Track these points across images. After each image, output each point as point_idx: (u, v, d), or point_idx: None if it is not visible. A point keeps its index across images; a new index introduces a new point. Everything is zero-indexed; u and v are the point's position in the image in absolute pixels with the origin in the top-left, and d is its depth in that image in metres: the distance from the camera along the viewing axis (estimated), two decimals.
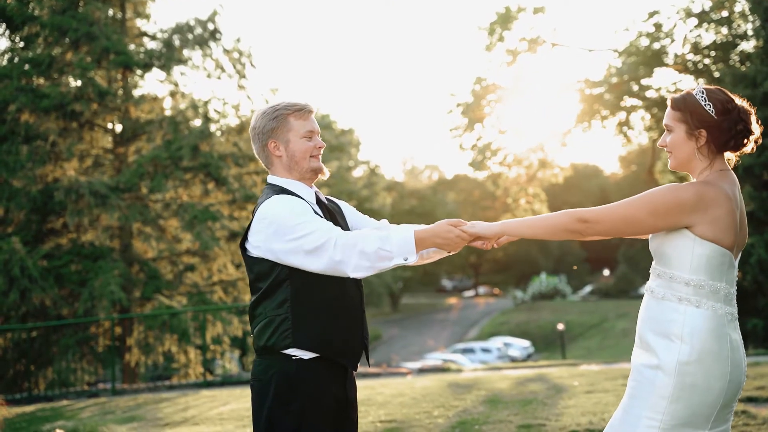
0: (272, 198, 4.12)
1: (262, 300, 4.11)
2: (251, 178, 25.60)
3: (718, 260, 3.74)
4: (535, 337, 67.59)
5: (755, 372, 13.09)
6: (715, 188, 3.76)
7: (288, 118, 4.24)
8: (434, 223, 4.09)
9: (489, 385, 13.04)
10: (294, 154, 4.24)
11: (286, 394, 4.03)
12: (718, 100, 3.88)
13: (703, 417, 3.70)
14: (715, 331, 3.71)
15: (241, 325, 22.29)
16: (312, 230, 3.97)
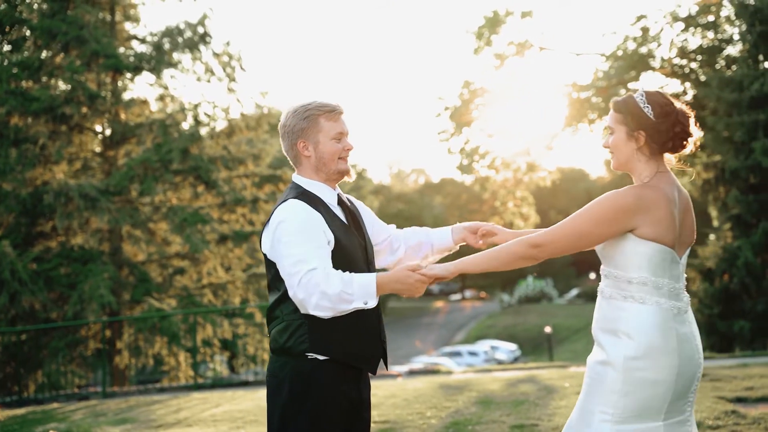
0: (287, 203, 4.15)
1: (280, 303, 4.15)
2: (241, 181, 25.63)
3: (659, 258, 3.86)
4: (521, 340, 67.69)
5: (743, 373, 13.18)
6: (654, 190, 3.87)
7: (319, 119, 4.26)
8: (394, 269, 4.08)
9: (480, 387, 13.10)
10: (323, 156, 4.26)
11: (300, 393, 4.07)
12: (657, 102, 3.96)
13: (655, 409, 3.81)
14: (660, 325, 3.82)
15: (231, 327, 22.34)
16: (292, 254, 4.01)
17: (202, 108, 25.47)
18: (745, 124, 25.01)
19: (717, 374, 13.41)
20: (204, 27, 25.39)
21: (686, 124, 4.00)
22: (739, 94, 25.52)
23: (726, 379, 12.65)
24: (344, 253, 4.19)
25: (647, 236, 3.84)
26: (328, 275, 3.95)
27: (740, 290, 24.60)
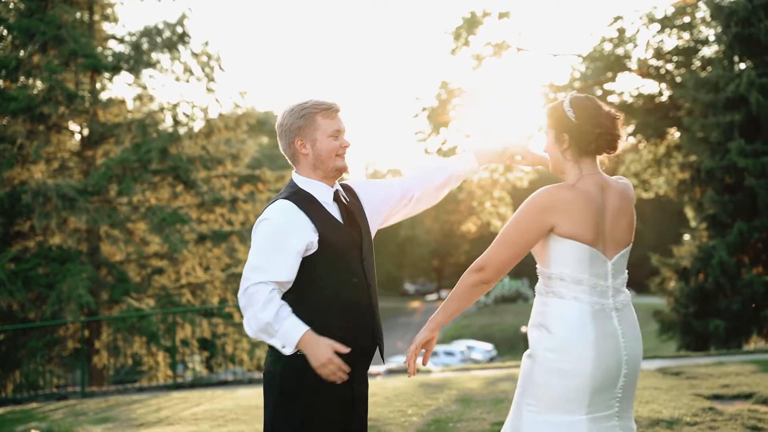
0: (275, 203, 4.25)
1: None
2: (219, 181, 25.64)
3: (578, 255, 3.98)
4: (497, 340, 67.87)
5: (719, 371, 13.34)
6: (572, 190, 4.02)
7: (315, 117, 4.32)
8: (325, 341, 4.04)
9: (460, 385, 13.19)
10: (320, 153, 4.31)
11: (292, 389, 4.13)
12: (580, 106, 4.09)
13: (575, 401, 3.92)
14: (578, 319, 3.95)
15: (210, 327, 22.35)
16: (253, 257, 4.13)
17: (180, 108, 25.45)
18: (720, 124, 25.19)
19: (693, 372, 13.57)
20: (183, 27, 25.35)
21: (609, 126, 4.10)
22: (714, 95, 25.69)
23: (702, 377, 12.81)
24: (333, 251, 4.23)
25: (564, 234, 3.97)
26: (270, 300, 4.02)
27: (715, 290, 24.77)
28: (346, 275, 4.26)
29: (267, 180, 25.53)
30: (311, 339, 4.02)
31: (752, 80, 24.48)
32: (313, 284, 4.20)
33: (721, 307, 24.31)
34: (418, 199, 4.71)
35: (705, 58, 31.04)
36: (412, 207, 4.74)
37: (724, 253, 24.21)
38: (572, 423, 3.93)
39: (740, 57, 26.29)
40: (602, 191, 4.08)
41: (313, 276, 4.18)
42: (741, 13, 25.46)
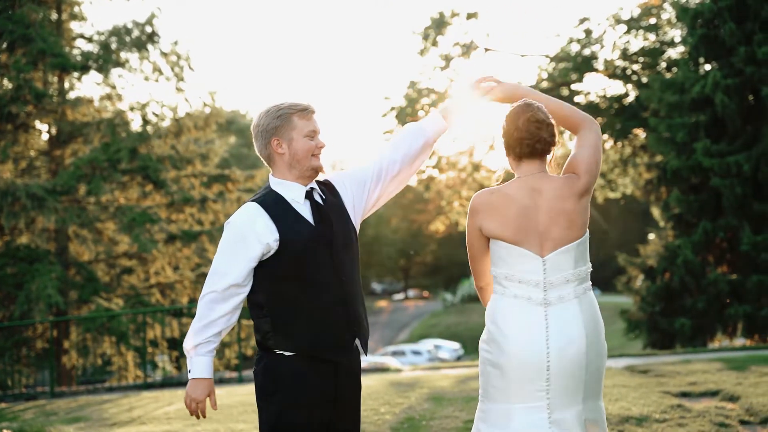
0: (241, 207, 4.41)
1: (249, 303, 4.40)
2: (189, 181, 25.60)
3: (503, 252, 4.23)
4: (464, 339, 68.00)
5: (686, 369, 13.53)
6: (495, 193, 4.30)
7: (292, 117, 4.39)
8: (207, 379, 4.33)
9: (431, 384, 13.29)
10: (296, 153, 4.39)
11: (269, 386, 4.26)
12: (508, 114, 4.39)
13: (500, 390, 4.14)
14: (503, 312, 4.19)
15: (180, 327, 22.32)
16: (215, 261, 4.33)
17: (150, 107, 25.40)
18: (686, 125, 25.43)
19: (661, 370, 13.76)
20: (152, 26, 25.24)
21: (530, 131, 4.30)
22: (680, 95, 25.92)
23: (670, 375, 12.99)
24: (296, 250, 4.30)
25: (490, 233, 4.25)
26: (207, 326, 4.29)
27: (681, 288, 25.00)
28: (312, 275, 4.32)
29: (236, 180, 25.53)
30: (197, 383, 4.30)
31: (717, 81, 24.73)
32: (280, 283, 4.29)
33: (687, 305, 24.56)
34: (397, 175, 4.80)
35: (671, 59, 31.36)
36: (396, 185, 4.85)
37: (689, 252, 24.45)
38: (502, 411, 4.15)
39: (705, 58, 26.55)
40: (532, 193, 4.27)
41: (279, 275, 4.28)
42: (706, 14, 25.72)
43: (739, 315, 23.57)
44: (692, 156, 25.15)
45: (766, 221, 24.40)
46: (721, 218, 24.73)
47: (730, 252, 25.22)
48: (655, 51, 31.53)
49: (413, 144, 4.76)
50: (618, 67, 31.84)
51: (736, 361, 14.57)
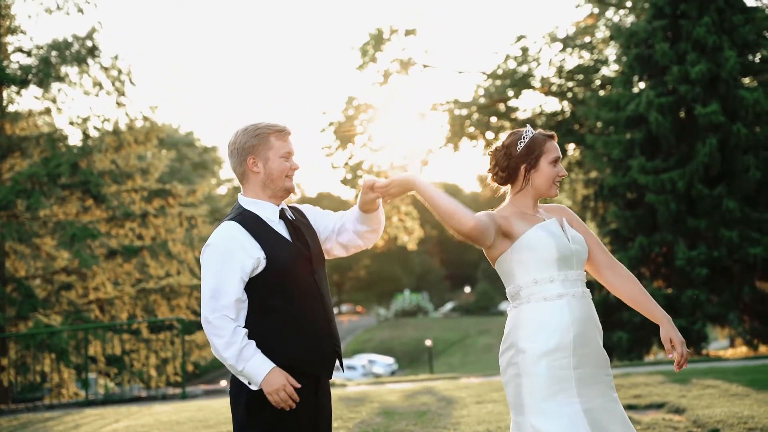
0: (221, 225, 4.40)
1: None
2: (129, 196, 25.37)
3: None
4: (398, 353, 68.21)
5: (629, 382, 13.77)
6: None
7: (269, 137, 4.43)
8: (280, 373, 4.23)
9: (379, 399, 13.33)
10: (272, 173, 4.43)
11: (256, 402, 4.23)
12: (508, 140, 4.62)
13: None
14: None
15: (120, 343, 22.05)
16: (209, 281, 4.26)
17: (91, 122, 25.09)
18: (622, 142, 25.90)
19: None
20: (92, 40, 24.95)
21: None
22: (616, 113, 26.41)
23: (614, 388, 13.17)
24: (282, 267, 4.34)
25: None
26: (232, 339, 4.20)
27: (619, 302, 25.31)
28: (298, 289, 4.38)
29: (178, 194, 25.34)
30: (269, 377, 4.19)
31: (651, 100, 25.25)
32: (268, 300, 4.31)
33: (624, 319, 24.94)
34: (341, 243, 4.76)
35: (605, 77, 31.91)
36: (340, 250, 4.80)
37: (625, 266, 24.83)
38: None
39: (640, 77, 27.09)
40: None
41: (267, 293, 4.30)
42: (641, 34, 26.27)
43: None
44: (628, 173, 25.62)
45: (699, 237, 24.92)
46: (657, 234, 25.20)
47: (666, 267, 25.71)
48: (589, 69, 32.06)
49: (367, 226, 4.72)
50: (554, 84, 32.30)
51: (675, 374, 14.86)
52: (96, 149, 24.60)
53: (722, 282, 24.83)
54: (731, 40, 25.41)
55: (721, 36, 25.28)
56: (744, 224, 24.44)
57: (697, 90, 24.92)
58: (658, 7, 26.26)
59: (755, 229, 24.43)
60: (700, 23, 25.32)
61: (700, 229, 24.59)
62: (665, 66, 25.96)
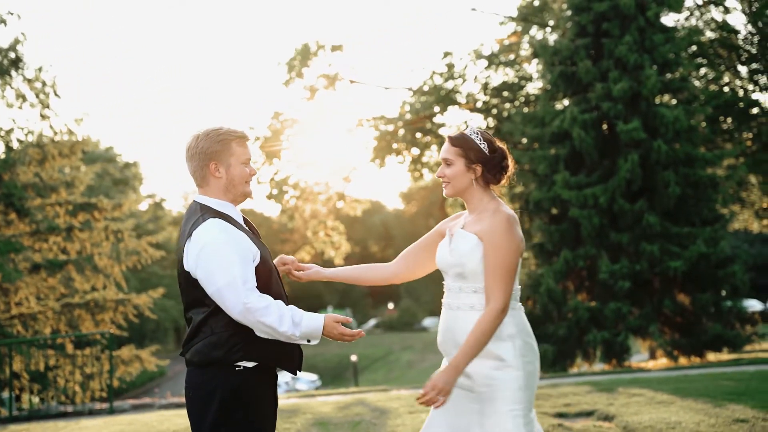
0: (210, 223, 4.35)
1: (210, 317, 4.32)
2: (54, 209, 24.97)
3: (517, 270, 4.46)
4: (321, 370, 68.01)
5: (558, 392, 14.01)
6: (510, 212, 4.50)
7: (231, 144, 4.48)
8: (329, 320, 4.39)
9: (312, 410, 13.35)
10: (233, 178, 4.48)
11: (231, 404, 4.27)
12: (488, 140, 4.61)
13: (534, 395, 4.42)
14: (527, 324, 4.51)
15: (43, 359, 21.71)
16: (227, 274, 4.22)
17: (14, 134, 24.71)
18: (547, 157, 26.29)
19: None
20: (15, 52, 24.64)
21: (509, 159, 4.62)
22: (541, 129, 26.83)
23: (543, 397, 13.42)
24: (267, 267, 4.46)
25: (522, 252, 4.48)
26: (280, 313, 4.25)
27: (543, 315, 25.73)
28: (275, 288, 4.48)
29: (104, 208, 25.00)
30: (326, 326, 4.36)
31: (575, 116, 25.69)
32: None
33: (549, 332, 25.28)
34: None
35: (529, 94, 32.36)
36: None
37: (551, 280, 25.21)
38: (534, 417, 4.43)
39: (564, 94, 27.54)
40: None
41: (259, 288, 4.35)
42: (564, 52, 26.74)
43: (598, 341, 24.39)
44: (552, 187, 25.99)
45: (622, 250, 25.39)
46: (581, 248, 25.60)
47: (589, 280, 26.13)
48: (514, 86, 32.50)
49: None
50: (479, 100, 32.67)
51: (602, 384, 15.16)
52: (19, 162, 24.22)
53: (644, 295, 25.32)
54: (652, 59, 26.00)
55: (642, 54, 25.85)
56: (664, 238, 24.96)
57: (619, 107, 25.42)
58: (581, 25, 26.78)
59: (675, 243, 24.97)
60: (622, 42, 25.86)
61: (623, 243, 25.05)
62: (588, 83, 26.45)
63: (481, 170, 4.52)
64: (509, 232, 4.37)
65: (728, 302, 25.21)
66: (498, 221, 4.39)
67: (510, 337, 4.37)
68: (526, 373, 4.36)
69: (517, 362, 4.35)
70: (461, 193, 4.59)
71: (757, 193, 33.14)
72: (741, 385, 13.74)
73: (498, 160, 4.56)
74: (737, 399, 11.60)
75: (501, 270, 4.33)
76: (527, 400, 4.34)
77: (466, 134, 4.59)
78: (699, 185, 25.45)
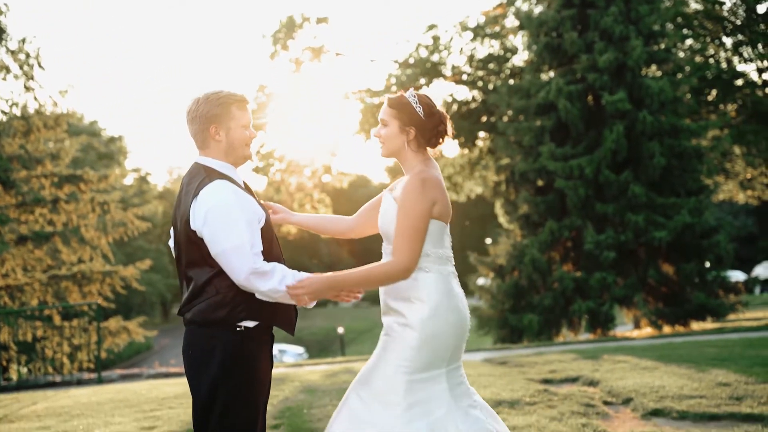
0: (216, 184, 4.36)
1: (215, 278, 4.35)
2: (39, 181, 24.90)
3: (439, 232, 4.50)
4: (308, 343, 68.14)
5: (544, 359, 14.19)
6: (435, 175, 4.51)
7: (231, 107, 4.50)
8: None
9: (300, 378, 13.47)
10: (233, 141, 4.50)
11: (231, 363, 4.32)
12: (426, 104, 4.59)
13: (441, 358, 4.43)
14: (443, 288, 4.48)
15: (31, 330, 21.71)
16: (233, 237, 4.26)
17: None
18: (532, 129, 26.36)
19: (520, 361, 14.35)
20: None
21: (447, 125, 4.62)
22: (526, 100, 26.86)
23: (529, 365, 13.58)
24: (270, 230, 4.52)
25: (435, 215, 4.45)
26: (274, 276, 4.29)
27: (528, 286, 25.88)
28: (276, 251, 4.54)
29: (90, 180, 24.95)
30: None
31: (560, 88, 25.75)
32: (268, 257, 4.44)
33: (534, 302, 25.43)
34: None
35: (515, 66, 32.35)
36: None
37: (536, 251, 25.34)
38: (435, 376, 4.44)
39: (549, 65, 27.57)
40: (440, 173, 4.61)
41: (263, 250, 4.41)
42: (550, 23, 26.75)
43: (583, 311, 24.55)
44: (538, 159, 26.08)
45: (607, 221, 25.52)
46: (566, 218, 25.73)
47: (575, 250, 26.26)
48: (500, 58, 32.47)
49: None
50: (465, 73, 32.64)
51: (587, 352, 15.31)
52: (4, 134, 24.13)
53: (629, 265, 25.49)
54: (637, 30, 26.05)
55: (628, 26, 25.91)
56: (649, 209, 25.10)
57: (605, 78, 25.49)
58: None
59: (660, 214, 25.11)
60: (607, 13, 25.90)
61: (608, 214, 25.18)
62: (574, 54, 26.50)
63: (414, 133, 4.53)
64: (417, 192, 4.39)
65: (712, 272, 25.41)
66: (409, 182, 4.43)
67: (419, 300, 4.44)
68: (425, 335, 4.40)
69: (417, 324, 4.41)
70: (395, 154, 4.62)
71: (741, 164, 33.30)
72: (724, 351, 13.90)
73: (434, 124, 4.56)
74: (720, 364, 11.75)
75: (406, 230, 4.37)
76: (421, 360, 4.40)
77: (404, 96, 4.59)
78: (684, 156, 25.58)
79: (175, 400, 11.63)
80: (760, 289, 51.20)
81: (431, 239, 4.45)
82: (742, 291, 25.98)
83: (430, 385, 4.43)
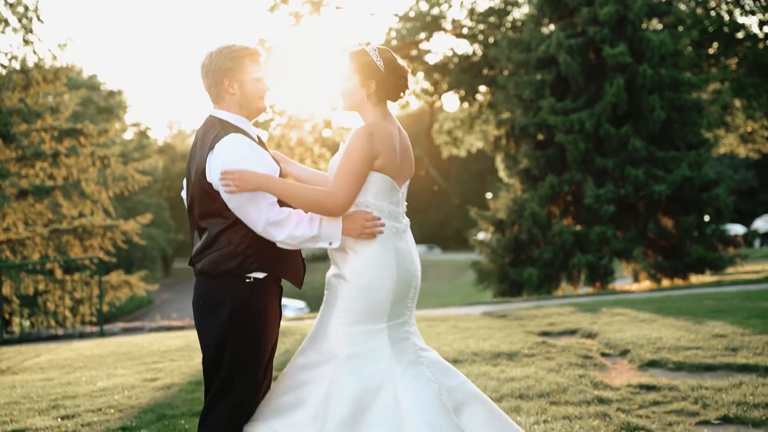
0: (232, 137, 4.42)
1: (228, 229, 4.43)
2: (39, 135, 24.87)
3: (382, 185, 4.50)
4: (309, 298, 68.04)
5: (543, 312, 14.32)
6: (384, 129, 4.50)
7: (244, 61, 4.53)
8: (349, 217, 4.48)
9: (302, 331, 13.55)
10: (247, 95, 4.54)
11: (241, 314, 4.39)
12: (387, 58, 4.59)
13: (378, 312, 4.47)
14: (380, 241, 4.49)
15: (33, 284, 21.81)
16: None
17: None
18: (533, 83, 26.32)
19: (519, 314, 14.47)
20: None
21: (407, 79, 4.64)
22: (527, 54, 26.77)
23: (528, 318, 13.69)
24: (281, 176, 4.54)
25: (377, 167, 4.46)
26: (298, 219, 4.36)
27: (528, 240, 25.95)
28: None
29: (90, 134, 24.92)
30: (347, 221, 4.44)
31: (561, 41, 25.66)
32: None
33: (534, 256, 25.53)
34: None
35: (515, 19, 32.20)
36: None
37: (535, 205, 25.40)
38: (374, 330, 4.48)
39: (549, 19, 27.45)
40: (398, 131, 4.61)
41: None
42: None
43: (582, 264, 24.67)
44: (538, 113, 26.07)
45: (607, 175, 25.55)
46: (566, 173, 25.76)
47: (574, 205, 26.31)
48: (500, 11, 32.32)
49: None
50: (465, 26, 32.50)
51: (586, 305, 15.43)
52: (3, 87, 24.05)
53: (628, 219, 25.55)
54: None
55: None
56: (649, 163, 25.11)
57: (606, 31, 25.40)
58: None
59: (660, 168, 25.12)
60: None
61: (608, 168, 25.19)
62: (574, 8, 26.38)
63: (375, 86, 4.54)
64: (361, 139, 4.42)
65: (712, 225, 25.47)
66: (357, 131, 4.47)
67: (352, 251, 4.50)
68: (358, 286, 4.47)
69: (348, 275, 4.49)
70: (356, 107, 4.63)
71: (741, 118, 33.25)
72: (722, 303, 14.01)
73: (395, 78, 4.56)
74: (717, 316, 11.87)
75: (343, 169, 4.40)
76: (357, 312, 4.46)
77: (365, 50, 4.59)
78: (684, 109, 25.54)
79: (176, 352, 11.73)
80: (760, 242, 51.27)
81: (373, 191, 4.50)
82: (741, 244, 26.09)
83: (370, 338, 4.48)
